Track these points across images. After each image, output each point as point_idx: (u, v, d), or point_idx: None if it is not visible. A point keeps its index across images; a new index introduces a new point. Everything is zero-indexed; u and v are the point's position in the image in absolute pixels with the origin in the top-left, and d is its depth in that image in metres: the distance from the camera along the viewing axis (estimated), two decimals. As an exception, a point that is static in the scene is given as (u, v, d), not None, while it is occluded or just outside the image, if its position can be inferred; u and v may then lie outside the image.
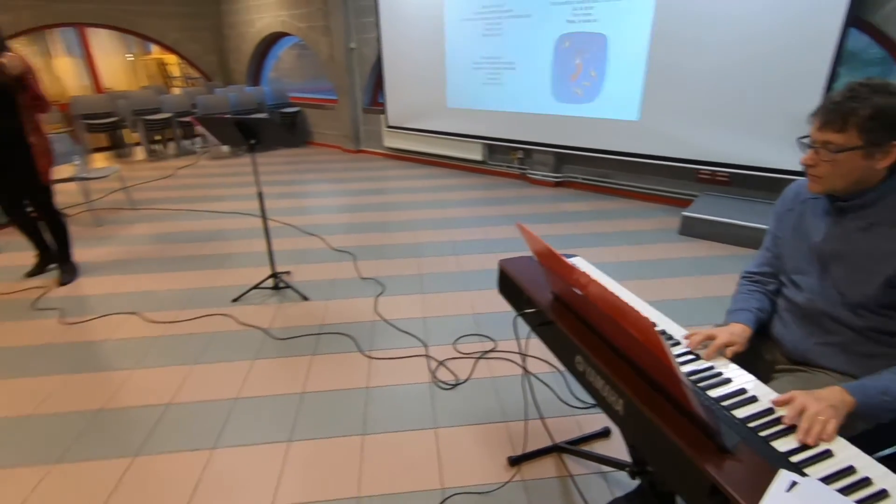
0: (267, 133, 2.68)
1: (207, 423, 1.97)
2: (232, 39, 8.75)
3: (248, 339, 2.55)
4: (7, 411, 2.06)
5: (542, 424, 1.90)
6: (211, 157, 7.03)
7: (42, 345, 2.53)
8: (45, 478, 1.73)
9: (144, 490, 1.67)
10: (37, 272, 3.33)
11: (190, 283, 3.18)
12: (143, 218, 4.47)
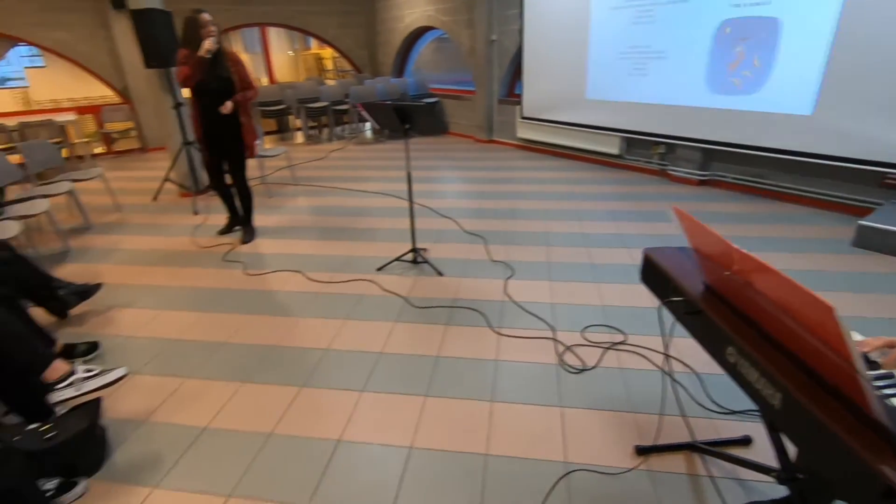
0: (420, 119, 2.92)
1: (358, 369, 2.26)
2: (382, 34, 9.45)
3: (390, 303, 2.84)
4: (211, 336, 2.57)
5: (679, 421, 1.86)
6: (357, 143, 7.73)
7: (231, 289, 3.08)
8: (237, 391, 2.15)
9: (308, 415, 1.99)
10: (226, 231, 4.02)
11: (342, 250, 3.60)
12: (303, 192, 5.12)
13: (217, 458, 1.79)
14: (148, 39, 4.47)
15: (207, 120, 3.44)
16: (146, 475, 1.73)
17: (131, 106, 7.60)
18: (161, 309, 2.87)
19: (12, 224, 3.10)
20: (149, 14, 4.44)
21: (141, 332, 2.63)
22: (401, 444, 1.82)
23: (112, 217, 4.58)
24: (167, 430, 1.94)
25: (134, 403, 2.08)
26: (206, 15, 3.31)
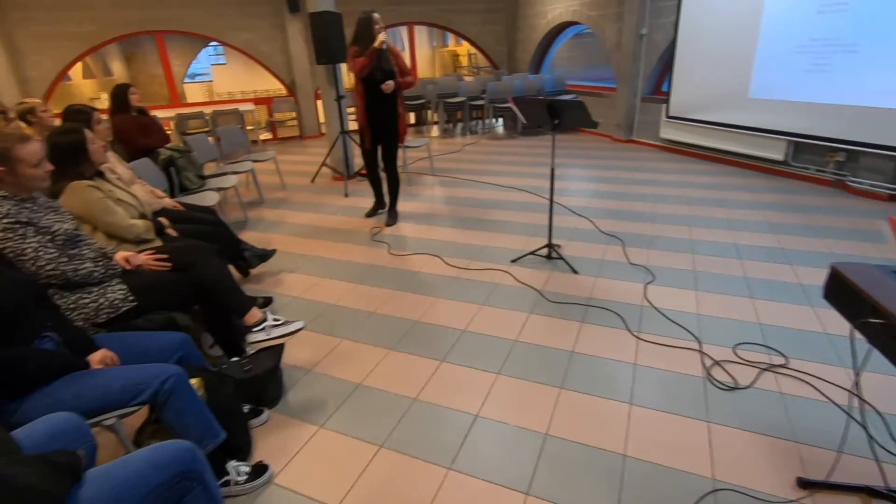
0: (571, 114, 2.91)
1: (493, 352, 2.36)
2: (523, 31, 9.47)
3: (524, 295, 2.89)
4: (362, 306, 2.86)
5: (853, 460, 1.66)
6: (490, 138, 7.88)
7: (378, 265, 3.38)
8: (385, 357, 2.38)
9: (448, 387, 2.13)
10: (371, 214, 4.40)
11: (476, 240, 3.74)
12: (440, 183, 5.38)
13: (370, 412, 2.01)
14: (320, 38, 5.03)
15: (372, 109, 3.80)
16: (313, 415, 2.01)
17: (295, 98, 8.60)
18: (321, 276, 3.25)
19: (213, 194, 3.73)
20: (323, 16, 4.98)
21: (306, 294, 3.02)
22: (536, 429, 1.87)
23: (279, 194, 5.27)
24: (328, 381, 2.22)
25: (302, 354, 2.41)
26: (377, 14, 3.66)
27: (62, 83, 7.84)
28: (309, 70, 8.43)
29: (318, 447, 1.85)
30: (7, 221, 1.64)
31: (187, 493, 1.13)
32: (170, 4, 7.54)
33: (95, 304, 1.81)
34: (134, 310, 1.88)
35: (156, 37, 7.89)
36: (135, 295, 1.88)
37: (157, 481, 1.07)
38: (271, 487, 1.69)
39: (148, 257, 2.04)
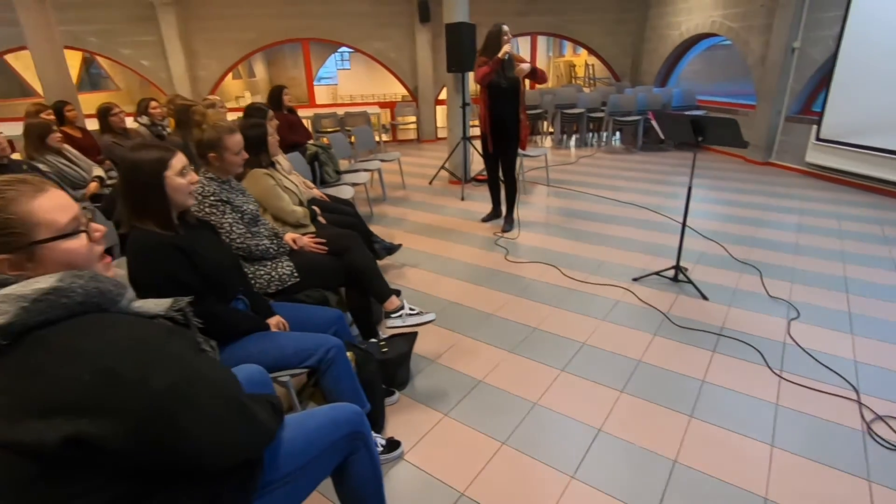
0: (718, 132, 2.76)
1: (615, 369, 2.31)
2: (651, 42, 9.08)
3: (647, 315, 2.79)
4: (480, 306, 2.95)
5: None
6: (607, 152, 7.66)
7: (495, 269, 3.46)
8: (504, 359, 2.43)
9: (570, 397, 2.13)
10: (488, 219, 4.50)
11: (594, 254, 3.67)
12: (556, 193, 5.35)
13: (491, 409, 2.08)
14: (453, 48, 5.26)
15: (494, 116, 3.90)
16: (438, 403, 2.12)
17: (417, 103, 9.04)
18: (441, 274, 3.40)
19: (348, 188, 4.07)
20: (458, 26, 5.20)
21: (427, 289, 3.18)
22: (664, 454, 1.81)
23: (399, 193, 5.58)
24: (450, 373, 2.33)
25: (426, 345, 2.55)
26: (506, 27, 3.76)
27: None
28: (432, 77, 8.82)
29: (444, 433, 1.96)
30: (213, 199, 1.96)
31: (355, 452, 1.27)
32: (317, 16, 8.32)
33: (268, 276, 2.08)
34: (296, 285, 2.13)
35: (302, 44, 8.75)
36: (298, 272, 2.13)
37: (337, 436, 1.22)
38: (402, 462, 1.82)
39: (310, 240, 2.30)
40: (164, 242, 1.48)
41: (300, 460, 1.13)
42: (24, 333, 0.77)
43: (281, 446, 1.11)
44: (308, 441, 1.17)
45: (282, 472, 1.09)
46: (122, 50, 8.13)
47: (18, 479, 0.74)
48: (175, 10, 7.80)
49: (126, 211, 1.47)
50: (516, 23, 8.73)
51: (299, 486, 1.14)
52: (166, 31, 7.90)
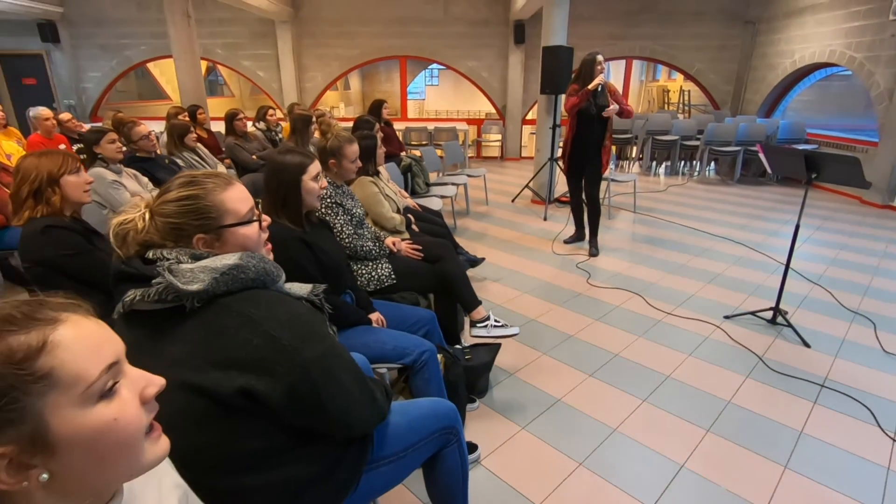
0: (835, 170, 2.60)
1: (702, 406, 2.23)
2: (759, 70, 8.59)
3: (739, 355, 2.66)
4: (561, 327, 2.96)
5: None
6: (700, 182, 7.32)
7: (577, 292, 3.45)
8: (584, 381, 2.43)
9: (650, 428, 2.09)
10: (571, 241, 4.48)
11: (682, 286, 3.54)
12: (642, 221, 5.21)
13: (569, 428, 2.09)
14: (548, 70, 5.33)
15: (581, 141, 3.92)
16: (515, 415, 2.17)
17: (504, 122, 9.18)
18: (522, 291, 3.45)
19: (437, 200, 4.25)
20: (556, 50, 5.27)
21: (508, 304, 3.24)
22: (753, 501, 1.73)
23: (482, 208, 5.70)
24: (529, 389, 2.36)
25: (507, 358, 2.60)
26: (600, 56, 3.78)
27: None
28: (521, 97, 8.94)
29: (520, 445, 2.00)
30: (330, 200, 2.16)
31: (448, 446, 1.36)
32: (417, 35, 8.77)
33: (369, 275, 2.25)
34: (392, 286, 2.28)
35: (400, 61, 9.24)
36: (395, 275, 2.28)
37: (435, 427, 1.31)
38: (479, 466, 1.88)
39: (408, 246, 2.46)
40: (293, 236, 1.68)
41: (402, 444, 1.23)
42: (211, 300, 0.94)
43: (388, 428, 1.22)
44: (410, 427, 1.27)
45: (387, 452, 1.20)
46: (243, 61, 9.05)
47: (198, 415, 0.90)
48: (291, 27, 8.57)
49: (266, 205, 1.69)
50: (612, 47, 8.65)
51: (399, 468, 1.24)
52: (282, 46, 8.70)
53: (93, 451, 0.51)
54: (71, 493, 0.52)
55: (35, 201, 1.75)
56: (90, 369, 0.51)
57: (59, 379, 0.49)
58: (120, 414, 0.53)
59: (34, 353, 0.49)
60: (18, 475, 0.48)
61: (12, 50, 8.88)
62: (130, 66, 9.20)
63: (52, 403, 0.49)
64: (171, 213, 1.00)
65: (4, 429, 0.47)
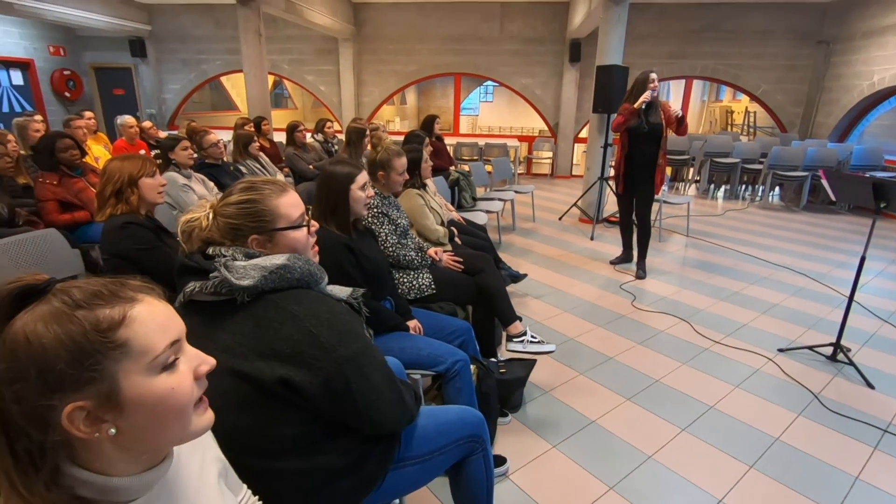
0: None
1: (746, 441, 2.13)
2: (832, 92, 8.12)
3: (792, 391, 2.51)
4: (601, 348, 2.91)
5: None
6: (761, 208, 6.97)
7: (620, 314, 3.38)
8: (621, 405, 2.38)
9: (688, 459, 2.01)
10: (618, 262, 4.39)
11: (733, 315, 3.39)
12: (695, 245, 5.03)
13: (602, 451, 2.05)
14: (602, 89, 5.29)
15: (633, 160, 3.86)
16: (548, 433, 2.15)
17: (556, 140, 9.15)
18: (563, 309, 3.42)
19: (482, 214, 4.30)
20: (610, 69, 5.23)
21: (548, 322, 3.22)
22: (797, 545, 1.63)
23: (528, 225, 5.70)
24: (563, 408, 2.34)
25: (542, 375, 2.59)
26: (654, 75, 3.71)
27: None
28: (574, 115, 8.88)
29: (551, 463, 1.98)
30: (376, 210, 2.26)
31: (473, 454, 1.38)
32: (473, 53, 8.94)
33: (409, 284, 2.32)
34: (432, 296, 2.34)
35: (455, 77, 9.44)
36: (435, 285, 2.34)
37: (461, 434, 1.34)
38: (507, 480, 1.88)
39: (449, 257, 2.52)
40: (339, 241, 1.78)
41: (429, 447, 1.27)
42: (260, 295, 1.03)
43: (416, 430, 1.27)
44: (438, 431, 1.31)
45: (413, 453, 1.24)
46: (307, 76, 9.55)
47: (241, 399, 0.98)
48: (352, 44, 8.98)
49: (316, 212, 1.80)
50: (671, 66, 8.46)
51: (423, 470, 1.28)
52: (343, 62, 9.12)
53: (152, 414, 0.59)
54: (131, 448, 0.60)
55: (116, 200, 1.95)
56: (158, 343, 0.60)
57: (132, 348, 0.58)
58: (177, 385, 0.61)
59: (116, 324, 0.57)
60: (92, 427, 0.56)
61: (106, 63, 9.82)
62: (206, 80, 9.93)
63: (125, 369, 0.57)
64: (231, 214, 1.11)
65: (86, 386, 0.55)
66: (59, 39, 9.17)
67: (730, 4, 8.09)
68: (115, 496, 0.59)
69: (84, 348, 0.55)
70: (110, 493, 0.59)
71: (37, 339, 0.53)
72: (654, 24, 8.35)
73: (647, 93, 3.67)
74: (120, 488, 0.59)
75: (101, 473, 0.58)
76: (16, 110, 8.27)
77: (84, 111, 5.04)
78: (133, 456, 0.61)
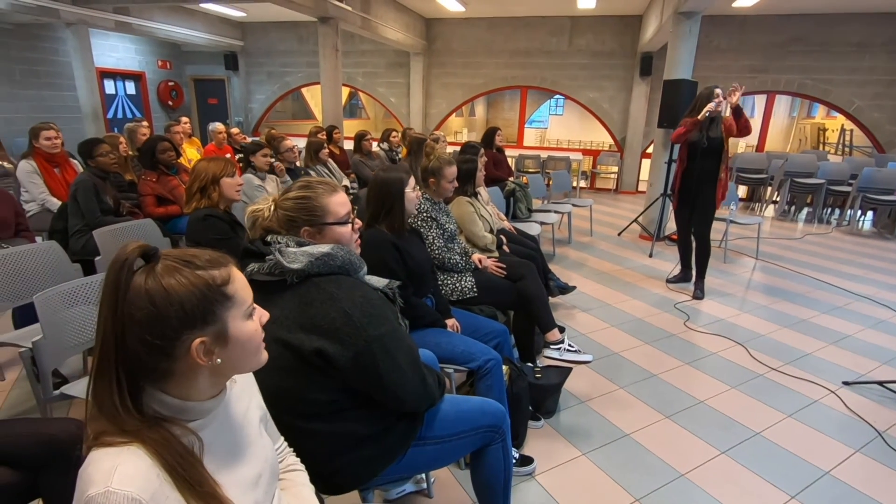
0: None
1: (790, 472, 2.03)
2: (940, 109, 7.35)
3: (853, 426, 2.35)
4: (645, 364, 2.87)
5: None
6: (847, 233, 6.43)
7: (671, 332, 3.30)
8: (658, 422, 2.35)
9: (723, 482, 1.96)
10: (675, 281, 4.26)
11: (798, 343, 3.20)
12: (763, 268, 4.76)
13: (633, 464, 2.05)
14: (668, 104, 5.18)
15: (690, 175, 3.75)
16: (579, 441, 2.18)
17: (622, 154, 8.96)
18: (610, 324, 3.39)
19: (536, 226, 4.35)
20: (677, 83, 5.11)
21: (593, 335, 3.22)
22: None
23: (585, 239, 5.65)
24: (597, 418, 2.35)
25: (581, 385, 2.60)
26: (718, 90, 3.60)
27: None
28: (642, 130, 8.66)
29: (579, 470, 2.01)
30: (426, 214, 2.41)
31: (492, 443, 1.47)
32: (538, 67, 9.00)
33: (453, 286, 2.44)
34: (473, 299, 2.45)
35: (521, 91, 9.53)
36: (477, 288, 2.45)
37: (481, 423, 1.44)
38: (532, 480, 1.94)
39: (493, 263, 2.61)
40: (387, 240, 1.94)
41: (448, 430, 1.38)
42: (306, 278, 1.19)
43: (438, 412, 1.38)
44: (458, 417, 1.42)
45: (434, 433, 1.35)
46: (379, 88, 10.04)
47: (283, 363, 1.14)
48: (423, 58, 9.34)
49: (368, 214, 1.97)
50: (751, 80, 8.04)
51: (442, 451, 1.38)
52: (413, 75, 9.50)
53: (245, 347, 0.80)
54: (222, 374, 0.81)
55: (201, 195, 2.24)
56: (248, 297, 0.81)
57: (235, 300, 0.78)
58: (257, 328, 0.82)
59: (225, 281, 0.77)
60: (207, 356, 0.75)
61: (204, 75, 10.88)
62: (288, 91, 10.71)
63: (231, 315, 0.77)
64: (289, 207, 1.29)
65: (207, 326, 0.74)
66: (167, 54, 10.30)
67: (820, 15, 7.58)
68: (185, 415, 0.77)
69: (208, 297, 0.74)
70: (182, 412, 0.76)
71: (174, 290, 0.72)
72: (735, 37, 7.98)
73: (712, 104, 3.58)
74: (189, 409, 0.77)
75: (180, 398, 0.77)
76: (128, 116, 9.37)
77: (181, 118, 5.67)
78: (220, 381, 0.82)
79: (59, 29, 7.77)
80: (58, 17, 6.47)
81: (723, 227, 5.07)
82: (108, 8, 7.05)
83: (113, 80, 9.25)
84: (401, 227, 1.99)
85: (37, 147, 3.58)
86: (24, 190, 3.63)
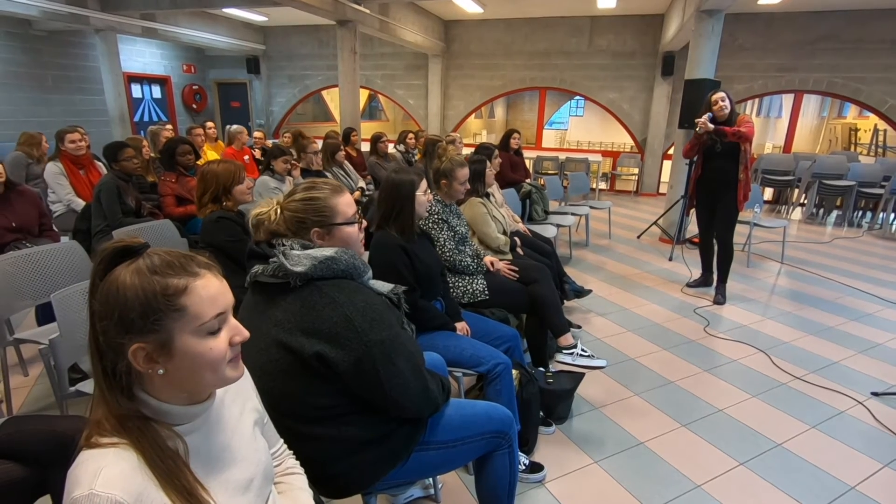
0: None
1: (813, 486, 1.95)
2: (980, 108, 7.02)
3: (881, 439, 2.25)
4: (662, 371, 2.79)
5: None
6: (879, 237, 6.19)
7: (690, 339, 3.21)
8: (675, 430, 2.28)
9: (741, 494, 1.89)
10: (695, 285, 4.16)
11: (824, 351, 3.08)
12: (788, 273, 4.61)
13: (646, 473, 1.99)
14: (688, 104, 5.06)
15: (707, 169, 3.69)
16: (591, 448, 2.13)
17: (643, 156, 8.80)
18: (627, 329, 3.32)
19: (552, 228, 4.29)
20: (698, 83, 5.00)
21: (609, 339, 3.15)
22: None
23: (603, 241, 5.56)
24: (611, 426, 2.30)
25: (594, 391, 2.55)
26: (720, 94, 3.51)
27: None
28: (664, 131, 8.50)
29: (590, 478, 1.97)
30: (436, 217, 2.40)
31: (498, 449, 1.44)
32: (557, 68, 8.91)
33: (464, 289, 2.42)
34: (484, 301, 2.42)
35: (540, 92, 9.45)
36: (489, 291, 2.42)
37: (487, 428, 1.41)
38: (541, 488, 1.90)
39: (505, 266, 2.58)
40: (395, 243, 1.93)
41: (452, 435, 1.36)
42: (309, 281, 1.18)
43: (442, 418, 1.36)
44: (463, 422, 1.39)
45: (437, 439, 1.34)
46: (397, 90, 10.08)
47: (284, 367, 1.14)
48: (441, 60, 9.35)
49: (379, 216, 1.97)
50: (778, 79, 7.83)
51: (446, 456, 1.36)
52: (431, 77, 9.51)
53: (192, 364, 0.75)
54: (174, 386, 0.76)
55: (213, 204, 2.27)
56: (207, 313, 0.75)
57: (187, 313, 0.73)
58: (215, 347, 0.76)
59: (179, 292, 0.73)
60: (147, 364, 0.72)
61: (226, 79, 11.09)
62: (308, 93, 10.84)
63: (179, 327, 0.73)
64: (297, 209, 1.28)
65: (149, 334, 0.71)
66: (191, 59, 10.54)
67: (851, 12, 7.32)
68: (166, 419, 0.76)
69: (153, 305, 0.71)
70: (162, 415, 0.75)
71: (123, 290, 0.71)
72: (761, 35, 7.77)
73: (704, 117, 3.48)
74: (169, 413, 0.76)
75: (158, 399, 0.75)
76: (154, 120, 9.61)
77: (206, 122, 5.77)
78: (175, 392, 0.77)
79: (88, 35, 8.02)
80: (87, 23, 6.68)
81: (746, 231, 4.93)
82: (136, 14, 7.25)
83: (140, 84, 9.50)
84: (410, 230, 1.98)
85: (63, 150, 3.70)
86: (50, 191, 3.75)
